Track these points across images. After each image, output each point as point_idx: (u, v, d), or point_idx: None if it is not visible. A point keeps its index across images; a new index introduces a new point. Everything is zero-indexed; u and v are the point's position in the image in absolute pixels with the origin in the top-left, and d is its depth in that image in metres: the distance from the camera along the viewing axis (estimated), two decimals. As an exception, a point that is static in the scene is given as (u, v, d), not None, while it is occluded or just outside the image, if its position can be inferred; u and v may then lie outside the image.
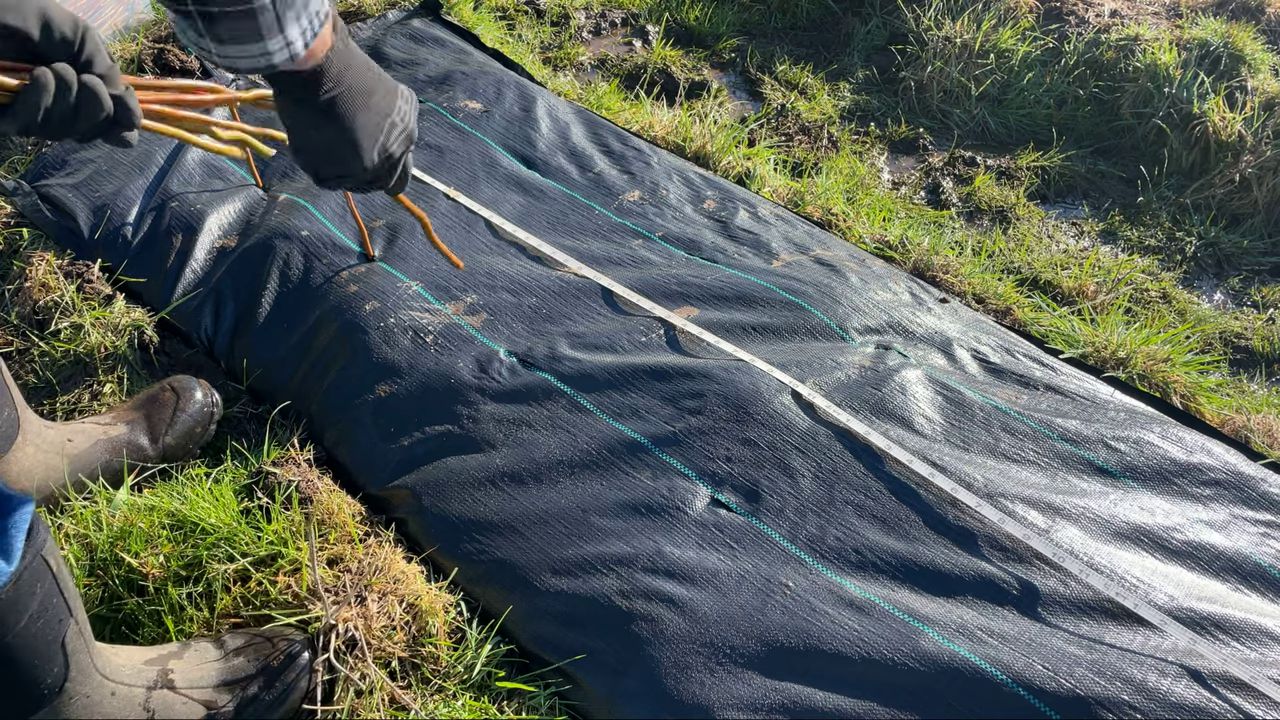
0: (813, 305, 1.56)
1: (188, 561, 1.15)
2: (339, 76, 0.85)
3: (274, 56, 0.76)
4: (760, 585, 1.16)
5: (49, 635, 0.86)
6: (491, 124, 1.95)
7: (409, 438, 1.34)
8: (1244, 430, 1.52)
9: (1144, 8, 2.84)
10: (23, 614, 0.82)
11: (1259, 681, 1.05)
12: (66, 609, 0.88)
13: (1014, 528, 1.20)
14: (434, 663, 1.10)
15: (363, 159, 0.91)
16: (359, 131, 0.89)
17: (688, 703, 1.06)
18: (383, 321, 1.46)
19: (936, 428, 1.35)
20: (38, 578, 0.84)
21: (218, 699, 1.01)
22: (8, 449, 1.16)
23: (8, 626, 0.81)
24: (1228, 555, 1.22)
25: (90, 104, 0.75)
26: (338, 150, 0.90)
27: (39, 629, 0.84)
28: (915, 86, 2.62)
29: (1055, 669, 1.06)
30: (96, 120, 0.76)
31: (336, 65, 0.84)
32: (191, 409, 1.34)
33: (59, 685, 0.88)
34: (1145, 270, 2.07)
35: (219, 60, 0.77)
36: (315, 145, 0.90)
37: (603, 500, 1.25)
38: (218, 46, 0.75)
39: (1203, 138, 2.35)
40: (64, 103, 0.73)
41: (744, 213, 1.81)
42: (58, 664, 0.87)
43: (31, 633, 0.83)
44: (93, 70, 0.76)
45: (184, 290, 1.57)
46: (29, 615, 0.83)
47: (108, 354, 1.45)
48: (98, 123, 0.77)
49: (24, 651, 0.83)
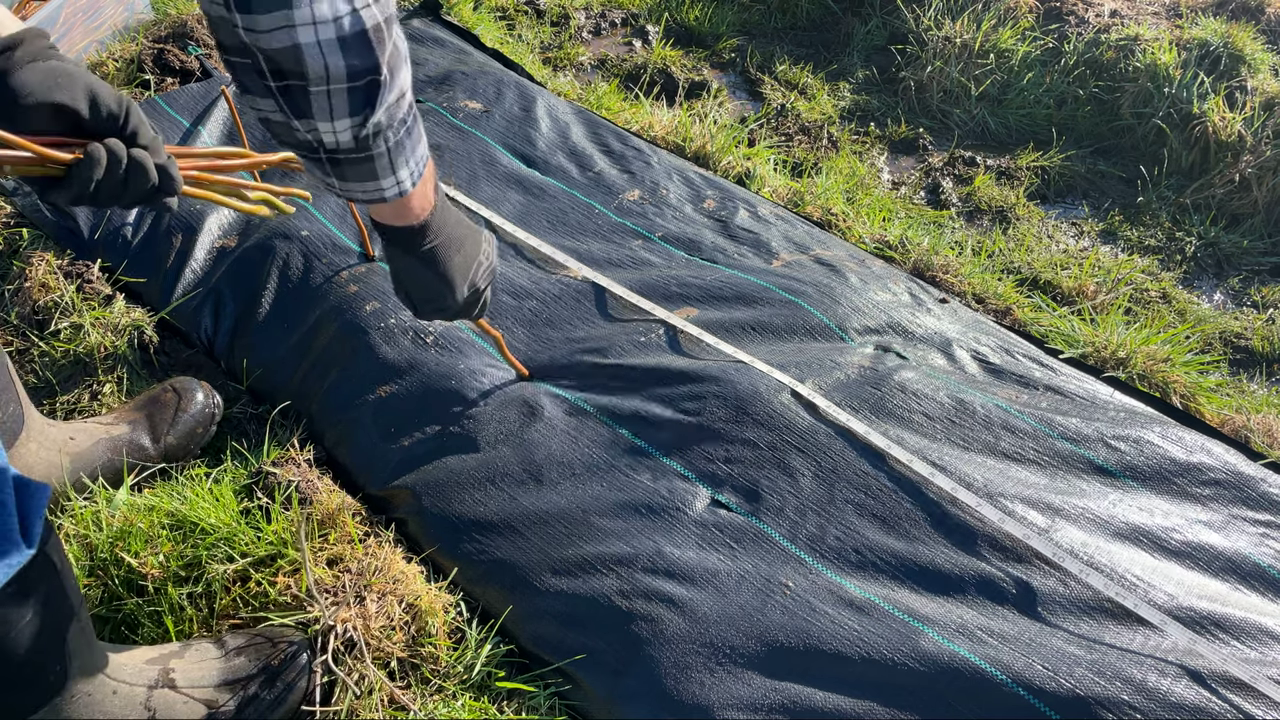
0: (812, 305, 1.56)
1: (187, 562, 1.15)
2: (438, 229, 1.01)
3: (386, 191, 0.90)
4: (760, 585, 1.16)
5: (52, 633, 0.86)
6: (491, 124, 1.95)
7: (409, 438, 1.34)
8: (1243, 430, 1.52)
9: (1144, 8, 2.84)
10: (26, 611, 0.82)
11: (1258, 681, 1.05)
12: (70, 607, 0.88)
13: (1014, 527, 1.20)
14: (433, 663, 1.10)
15: (456, 296, 1.07)
16: (454, 273, 1.05)
17: (688, 703, 1.06)
18: (383, 322, 1.46)
19: (936, 427, 1.35)
20: (43, 574, 0.84)
21: (218, 698, 1.01)
22: (13, 444, 1.16)
23: (12, 623, 0.82)
24: (1227, 555, 1.22)
25: (138, 176, 0.82)
26: (436, 289, 1.05)
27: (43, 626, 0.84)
28: (915, 86, 2.62)
29: (1055, 669, 1.06)
30: (144, 190, 0.84)
31: (437, 220, 1.00)
32: (193, 410, 1.34)
33: (61, 683, 0.88)
34: (1145, 270, 2.07)
35: (340, 192, 0.90)
36: (418, 285, 1.05)
37: (603, 501, 1.25)
38: (341, 183, 0.88)
39: (1202, 138, 2.35)
40: (114, 175, 0.80)
41: (744, 212, 1.81)
42: (60, 662, 0.88)
43: (35, 629, 0.84)
44: (138, 143, 0.82)
45: (184, 290, 1.57)
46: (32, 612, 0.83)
47: (107, 354, 1.45)
48: (144, 191, 0.84)
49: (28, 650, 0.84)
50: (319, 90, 0.78)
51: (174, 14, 2.28)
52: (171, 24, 2.23)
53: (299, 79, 0.77)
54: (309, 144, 0.84)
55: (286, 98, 0.79)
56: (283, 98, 0.79)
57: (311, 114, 0.80)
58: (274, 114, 0.81)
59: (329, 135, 0.82)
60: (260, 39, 0.73)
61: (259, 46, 0.74)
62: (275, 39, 0.73)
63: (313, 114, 0.80)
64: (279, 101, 0.79)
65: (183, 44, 2.17)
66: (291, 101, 0.79)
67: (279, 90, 0.78)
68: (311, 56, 0.75)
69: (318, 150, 0.85)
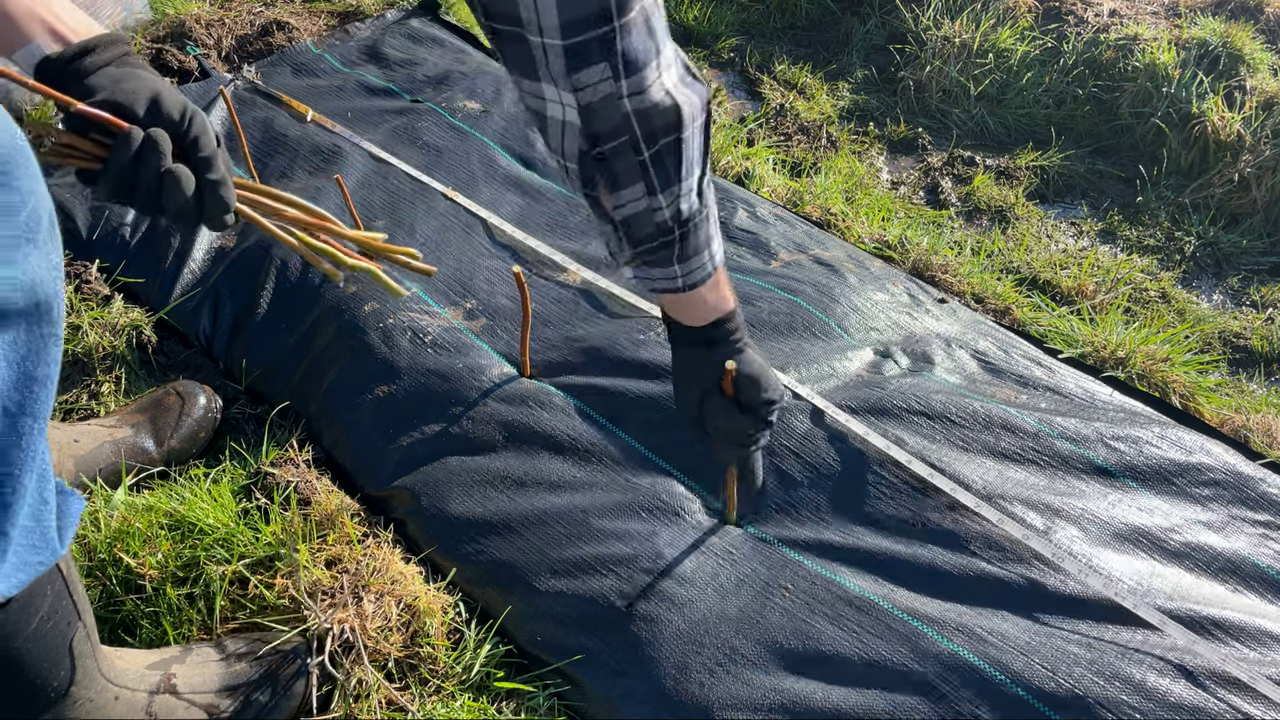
0: (811, 305, 1.56)
1: (185, 562, 1.15)
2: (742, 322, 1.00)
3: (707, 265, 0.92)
4: (760, 586, 1.16)
5: (57, 638, 0.85)
6: (490, 124, 1.95)
7: (408, 438, 1.34)
8: (1243, 430, 1.52)
9: (1143, 7, 2.84)
10: (34, 616, 0.82)
11: (1258, 681, 1.05)
12: (75, 612, 0.88)
13: (1013, 528, 1.20)
14: (432, 663, 1.10)
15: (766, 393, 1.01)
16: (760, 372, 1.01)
17: (687, 703, 1.06)
18: (382, 323, 1.46)
19: (935, 428, 1.35)
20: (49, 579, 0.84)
21: (219, 704, 1.01)
22: None
23: (19, 629, 0.81)
24: (1226, 556, 1.22)
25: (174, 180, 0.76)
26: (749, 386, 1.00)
27: (49, 631, 0.84)
28: (914, 86, 2.61)
29: (1054, 669, 1.06)
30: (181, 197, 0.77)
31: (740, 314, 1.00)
32: (196, 413, 1.34)
33: (65, 689, 0.88)
34: (1144, 270, 2.07)
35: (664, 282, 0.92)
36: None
37: (602, 503, 1.25)
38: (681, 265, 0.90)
39: (1201, 137, 2.35)
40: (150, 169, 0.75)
41: (742, 213, 1.80)
42: (64, 667, 0.87)
43: (41, 634, 0.83)
44: (198, 153, 0.78)
45: (182, 290, 1.57)
46: (39, 617, 0.83)
47: (105, 354, 1.45)
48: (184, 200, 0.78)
49: (33, 655, 0.83)
50: (689, 135, 0.81)
51: (172, 14, 2.28)
52: (170, 24, 2.23)
53: (673, 131, 0.80)
54: (665, 226, 0.85)
55: (658, 166, 0.81)
56: (654, 168, 0.81)
57: (680, 175, 0.83)
58: (637, 203, 0.83)
59: (688, 196, 0.85)
60: (643, 98, 0.77)
61: (638, 108, 0.77)
62: (654, 91, 0.77)
63: (681, 174, 0.83)
64: (648, 177, 0.81)
65: (181, 44, 2.17)
66: (661, 168, 0.81)
67: (651, 160, 0.80)
68: (681, 98, 0.79)
69: (672, 230, 0.86)
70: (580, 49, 0.73)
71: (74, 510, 0.83)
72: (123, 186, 0.76)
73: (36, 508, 0.79)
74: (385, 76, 2.09)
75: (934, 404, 1.38)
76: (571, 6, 0.71)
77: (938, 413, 1.37)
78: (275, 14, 2.32)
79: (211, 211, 0.81)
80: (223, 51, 2.22)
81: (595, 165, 0.81)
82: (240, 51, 2.23)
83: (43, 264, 0.69)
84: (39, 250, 0.67)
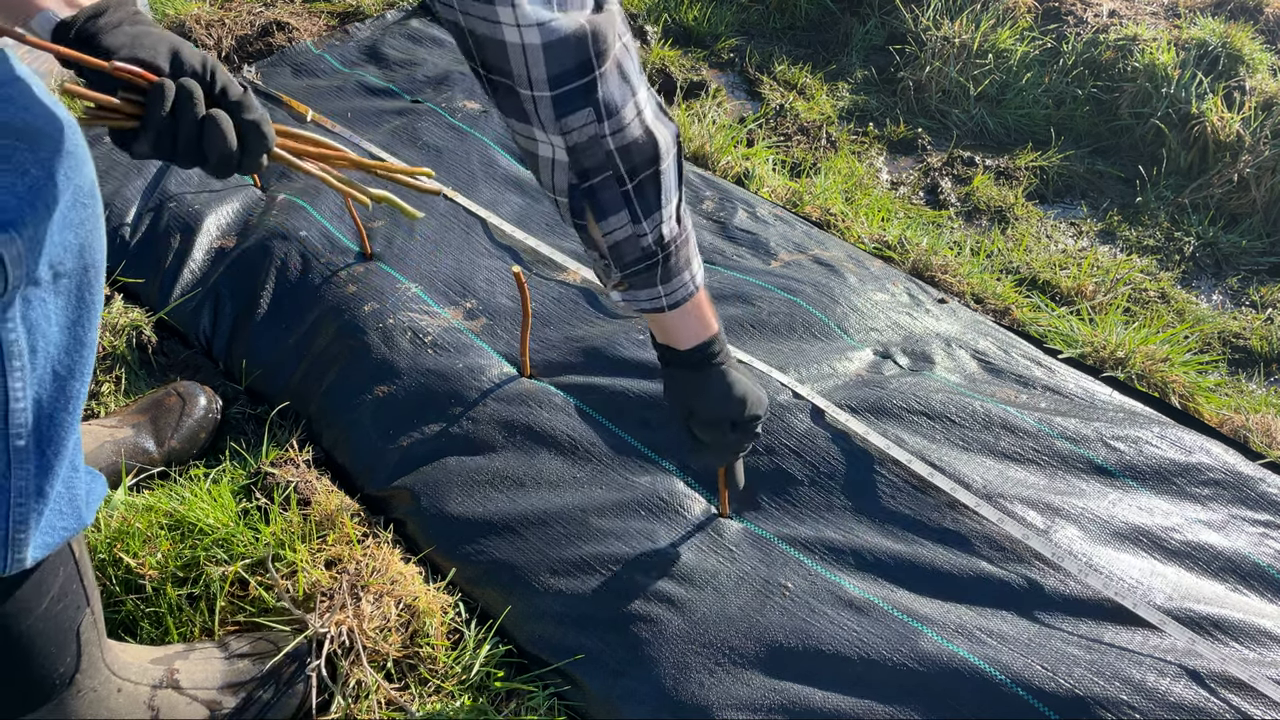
0: (811, 305, 1.56)
1: (185, 562, 1.15)
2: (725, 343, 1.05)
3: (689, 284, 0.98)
4: (759, 586, 1.16)
5: (66, 622, 0.85)
6: (490, 124, 1.95)
7: (408, 438, 1.34)
8: (1242, 430, 1.52)
9: (1142, 8, 2.85)
10: (45, 595, 0.82)
11: (1258, 681, 1.05)
12: (85, 596, 0.88)
13: (1013, 528, 1.20)
14: (432, 663, 1.10)
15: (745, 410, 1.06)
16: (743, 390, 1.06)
17: (687, 703, 1.06)
18: (382, 323, 1.46)
19: (935, 427, 1.35)
20: (62, 559, 0.84)
21: (221, 700, 1.01)
22: None
23: (30, 607, 0.81)
24: (1226, 555, 1.22)
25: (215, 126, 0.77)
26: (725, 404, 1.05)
27: (58, 613, 0.84)
28: (914, 87, 2.62)
29: (1054, 669, 1.06)
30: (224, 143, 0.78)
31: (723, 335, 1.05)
32: (196, 414, 1.34)
33: (70, 676, 0.88)
34: (1144, 270, 2.07)
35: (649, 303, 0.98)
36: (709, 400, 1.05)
37: (602, 503, 1.25)
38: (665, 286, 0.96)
39: (1201, 138, 2.35)
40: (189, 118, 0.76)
41: (742, 213, 1.80)
42: (71, 653, 0.87)
43: (51, 615, 0.83)
44: (228, 99, 0.79)
45: (182, 291, 1.57)
46: (50, 597, 0.83)
47: (105, 354, 1.45)
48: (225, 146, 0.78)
49: (41, 636, 0.83)
50: (666, 167, 0.88)
51: (172, 14, 2.28)
52: (170, 24, 2.23)
53: (652, 164, 0.87)
54: (649, 250, 0.92)
55: (640, 196, 0.88)
56: (637, 198, 0.88)
57: (660, 202, 0.90)
58: (623, 229, 0.89)
59: (669, 222, 0.92)
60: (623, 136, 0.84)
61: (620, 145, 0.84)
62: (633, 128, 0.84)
63: (661, 201, 0.90)
64: (632, 207, 0.88)
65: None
66: (643, 198, 0.88)
67: (634, 190, 0.88)
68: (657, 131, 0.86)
69: (656, 253, 0.92)
70: (566, 98, 0.81)
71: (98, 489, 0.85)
72: (164, 138, 0.76)
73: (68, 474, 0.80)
74: (385, 77, 2.09)
75: (934, 403, 1.38)
76: (557, 61, 0.79)
77: (938, 412, 1.37)
78: (275, 14, 2.32)
79: (253, 151, 0.81)
80: (223, 52, 2.22)
81: (584, 197, 0.88)
82: (240, 52, 2.23)
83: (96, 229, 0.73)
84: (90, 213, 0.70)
